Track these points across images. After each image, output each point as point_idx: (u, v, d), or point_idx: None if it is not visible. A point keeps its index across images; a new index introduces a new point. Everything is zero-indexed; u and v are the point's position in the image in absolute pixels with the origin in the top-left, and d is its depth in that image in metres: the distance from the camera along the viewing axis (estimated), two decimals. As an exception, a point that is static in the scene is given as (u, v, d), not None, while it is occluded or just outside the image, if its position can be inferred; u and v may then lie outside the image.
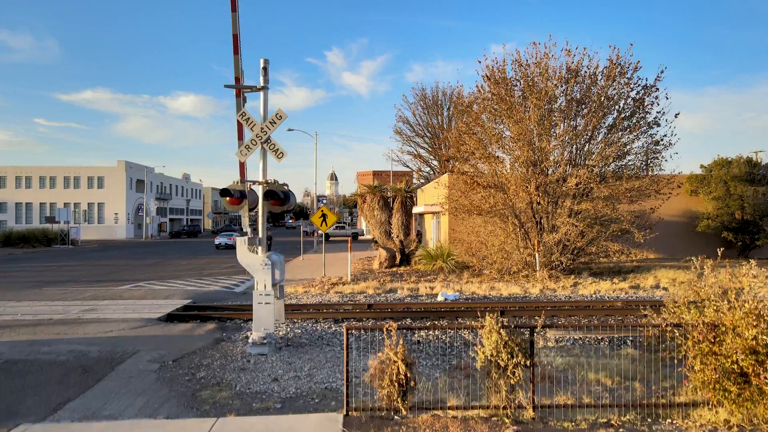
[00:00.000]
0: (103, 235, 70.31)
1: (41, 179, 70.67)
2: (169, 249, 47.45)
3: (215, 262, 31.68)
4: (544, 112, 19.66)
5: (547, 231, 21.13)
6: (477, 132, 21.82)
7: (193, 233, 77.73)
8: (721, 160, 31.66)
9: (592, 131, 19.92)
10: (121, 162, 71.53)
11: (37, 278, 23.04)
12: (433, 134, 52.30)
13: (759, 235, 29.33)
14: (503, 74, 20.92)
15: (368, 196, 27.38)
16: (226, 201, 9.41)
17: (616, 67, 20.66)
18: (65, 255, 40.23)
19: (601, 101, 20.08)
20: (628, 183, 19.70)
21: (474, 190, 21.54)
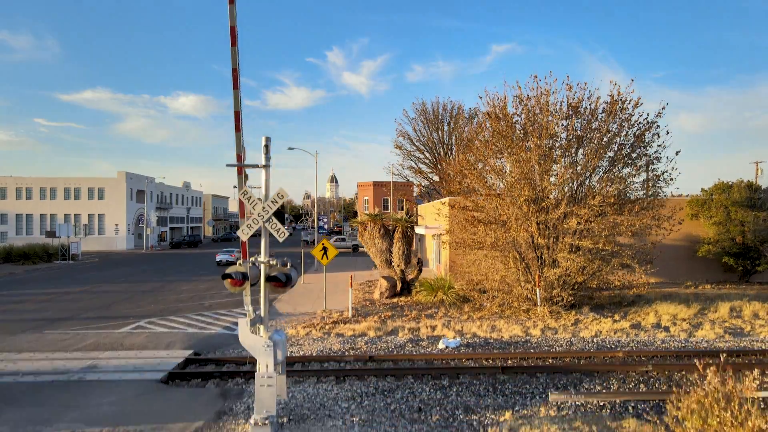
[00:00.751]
0: (103, 246, 70.32)
1: (41, 190, 70.68)
2: (169, 265, 47.41)
3: (216, 286, 31.64)
4: (544, 149, 19.68)
5: (548, 265, 21.14)
6: (478, 167, 21.83)
7: (193, 243, 77.79)
8: (721, 184, 31.69)
9: (593, 169, 19.93)
10: (122, 173, 71.53)
11: (38, 313, 23.05)
12: (433, 148, 52.33)
13: (759, 261, 29.36)
14: (504, 110, 20.95)
15: (369, 224, 27.35)
16: (228, 283, 9.40)
17: (616, 103, 20.69)
18: (66, 274, 40.21)
19: (601, 138, 20.11)
20: (629, 221, 19.70)
21: (475, 227, 21.54)
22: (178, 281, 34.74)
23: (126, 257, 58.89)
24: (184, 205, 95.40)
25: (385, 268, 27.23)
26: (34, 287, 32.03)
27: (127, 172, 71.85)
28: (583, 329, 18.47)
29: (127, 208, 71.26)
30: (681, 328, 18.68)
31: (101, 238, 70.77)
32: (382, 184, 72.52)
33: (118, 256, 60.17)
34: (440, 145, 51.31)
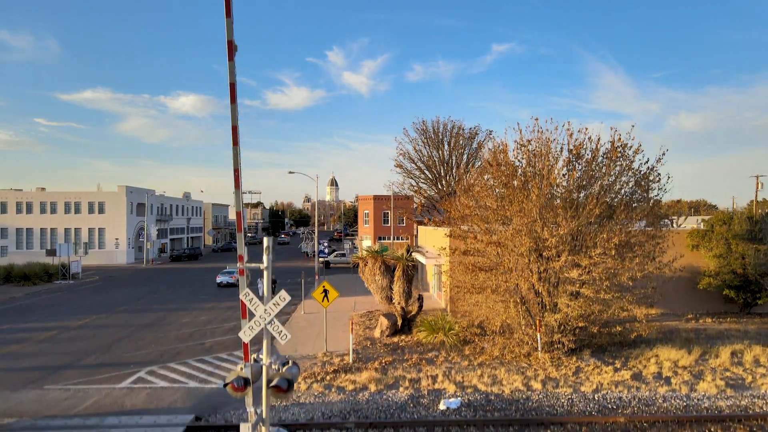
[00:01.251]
0: (104, 260, 70.33)
1: (42, 205, 70.69)
2: (169, 285, 47.37)
3: (217, 318, 31.66)
4: (546, 199, 19.69)
5: (548, 310, 21.15)
6: (478, 212, 21.84)
7: (193, 255, 77.80)
8: (722, 214, 31.70)
9: (594, 218, 19.94)
10: (122, 187, 71.55)
11: (38, 357, 23.05)
12: (433, 167, 52.36)
13: (760, 294, 29.35)
14: (506, 157, 20.98)
15: (369, 260, 27.33)
16: (229, 388, 9.39)
17: (617, 150, 20.73)
18: (66, 299, 40.21)
19: (602, 186, 20.13)
20: (630, 271, 19.71)
21: (476, 273, 21.55)
22: (178, 310, 34.70)
23: (126, 274, 58.87)
24: (184, 216, 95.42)
25: (386, 304, 27.23)
26: (34, 319, 32.01)
27: (128, 186, 71.89)
28: (585, 381, 18.45)
29: (127, 222, 71.27)
30: (682, 379, 18.67)
31: (101, 252, 70.78)
32: (382, 198, 72.51)
33: (119, 273, 60.16)
34: (441, 164, 51.34)
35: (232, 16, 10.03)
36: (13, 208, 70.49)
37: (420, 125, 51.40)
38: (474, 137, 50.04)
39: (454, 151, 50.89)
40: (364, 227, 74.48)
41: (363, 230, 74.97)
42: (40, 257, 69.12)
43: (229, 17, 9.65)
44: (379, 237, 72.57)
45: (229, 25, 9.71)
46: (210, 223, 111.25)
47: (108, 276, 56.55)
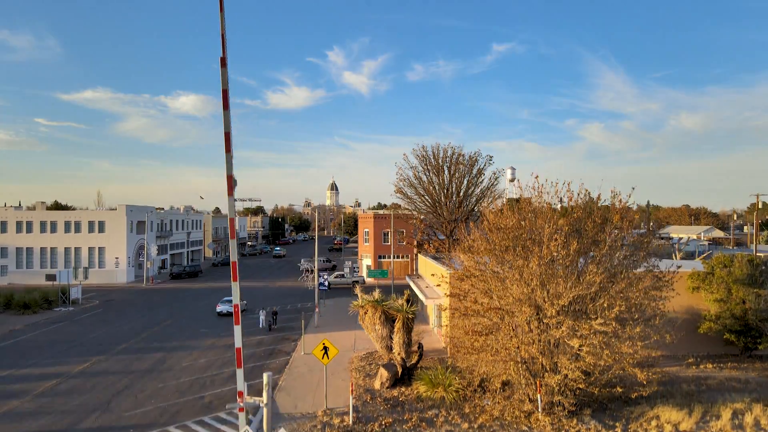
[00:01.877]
0: (104, 279, 70.30)
1: (42, 224, 70.66)
2: (168, 314, 47.29)
3: (216, 362, 31.62)
4: (545, 267, 19.64)
5: (549, 370, 21.10)
6: (478, 274, 21.79)
7: (193, 273, 77.76)
8: (722, 257, 31.64)
9: (595, 284, 19.88)
10: (122, 206, 71.55)
11: (36, 418, 23.00)
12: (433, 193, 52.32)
13: (761, 339, 29.32)
14: (505, 221, 20.94)
15: (370, 309, 27.27)
16: None
17: (618, 214, 20.71)
18: (65, 333, 40.18)
19: (602, 255, 20.09)
20: (631, 340, 19.65)
21: (476, 337, 21.50)
22: (178, 349, 34.63)
23: (126, 297, 58.79)
24: (184, 230, 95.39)
25: (386, 353, 27.17)
26: (33, 362, 31.95)
27: (128, 205, 71.92)
28: (585, 451, 18.40)
29: (127, 241, 71.24)
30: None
31: (101, 271, 70.76)
32: (382, 217, 72.47)
33: (118, 295, 60.10)
34: (441, 190, 51.29)
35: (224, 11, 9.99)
36: (13, 227, 70.47)
37: (420, 151, 51.46)
38: (474, 164, 50.06)
39: (453, 178, 50.83)
40: (365, 245, 74.42)
41: (363, 248, 74.92)
42: (40, 277, 69.19)
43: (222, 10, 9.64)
44: (379, 255, 72.52)
45: (222, 26, 9.72)
46: (210, 235, 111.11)
47: (107, 300, 56.48)
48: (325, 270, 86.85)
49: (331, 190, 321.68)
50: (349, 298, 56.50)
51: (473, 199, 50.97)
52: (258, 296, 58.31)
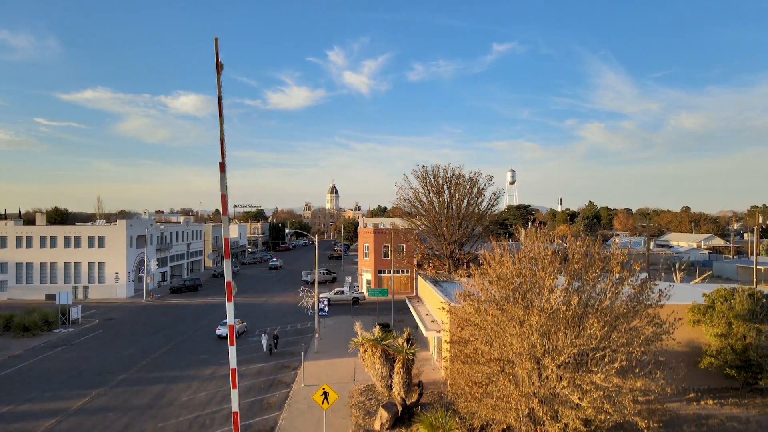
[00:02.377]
0: (103, 294, 70.27)
1: (42, 239, 70.60)
2: (168, 337, 47.22)
3: (216, 395, 31.54)
4: (546, 321, 19.59)
5: (550, 418, 21.04)
6: (479, 322, 21.73)
7: (193, 287, 77.68)
8: (723, 291, 31.58)
9: (596, 339, 19.82)
10: (122, 222, 71.55)
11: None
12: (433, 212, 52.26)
13: (762, 375, 29.24)
14: (506, 271, 20.90)
15: (370, 347, 27.19)
16: None
17: (619, 265, 20.65)
18: (65, 360, 40.13)
19: (604, 307, 20.04)
20: (632, 393, 19.60)
21: (475, 387, 21.44)
22: (178, 380, 34.56)
23: (126, 315, 58.70)
24: (184, 241, 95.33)
25: (386, 391, 27.09)
26: (34, 395, 31.91)
27: (127, 220, 71.89)
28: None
29: (127, 256, 71.17)
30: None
31: (101, 286, 70.70)
32: (382, 232, 72.41)
33: (118, 312, 60.00)
34: (442, 211, 51.20)
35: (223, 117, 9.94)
36: (13, 242, 70.42)
37: (420, 171, 51.36)
38: (474, 184, 49.94)
39: (453, 199, 50.74)
40: (365, 260, 74.36)
41: (363, 263, 74.86)
42: (40, 292, 69.29)
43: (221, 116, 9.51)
44: (379, 270, 72.47)
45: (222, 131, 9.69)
46: (210, 245, 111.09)
47: (107, 319, 56.40)
48: (325, 282, 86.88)
49: (331, 193, 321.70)
50: (348, 317, 56.51)
51: (474, 219, 50.89)
52: (257, 314, 58.26)
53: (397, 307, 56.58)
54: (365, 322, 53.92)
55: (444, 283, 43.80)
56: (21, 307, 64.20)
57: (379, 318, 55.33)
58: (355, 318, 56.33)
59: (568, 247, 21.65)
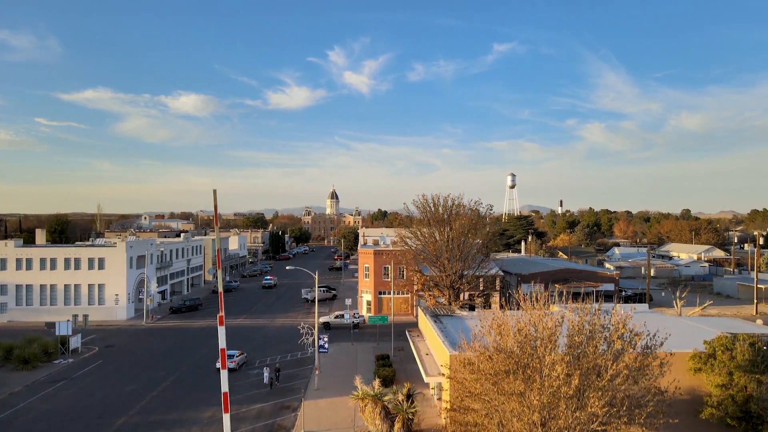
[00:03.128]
0: (104, 316, 70.22)
1: (42, 261, 70.54)
2: (168, 370, 47.14)
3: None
4: (546, 398, 19.54)
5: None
6: (479, 393, 21.68)
7: (193, 307, 77.61)
8: (724, 339, 31.51)
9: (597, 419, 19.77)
10: (122, 243, 71.51)
11: None
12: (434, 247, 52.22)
13: (762, 426, 29.17)
14: (507, 343, 20.87)
15: (370, 403, 27.16)
16: None
17: (619, 339, 20.63)
18: (63, 398, 40.07)
19: (605, 383, 19.99)
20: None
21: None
22: (177, 425, 34.47)
23: (126, 339, 58.65)
24: (184, 258, 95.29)
25: (386, 447, 27.06)
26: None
27: (128, 241, 71.82)
28: None
29: (127, 277, 71.15)
30: None
31: (101, 308, 70.67)
32: (382, 252, 72.32)
33: (118, 338, 59.95)
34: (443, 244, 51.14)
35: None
36: (13, 264, 70.36)
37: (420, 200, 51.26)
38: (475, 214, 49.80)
39: (454, 229, 50.63)
40: (365, 281, 74.27)
41: (363, 284, 74.78)
42: (40, 314, 69.29)
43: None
44: (380, 291, 72.40)
45: None
46: (210, 259, 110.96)
47: (107, 346, 56.35)
48: (325, 300, 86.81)
49: (331, 198, 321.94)
50: (349, 343, 56.40)
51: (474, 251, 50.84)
52: (258, 341, 58.20)
53: (398, 331, 56.29)
54: (365, 350, 53.99)
55: (444, 318, 43.70)
56: (21, 331, 64.29)
57: (379, 345, 55.27)
58: (356, 344, 56.29)
59: (568, 321, 21.65)
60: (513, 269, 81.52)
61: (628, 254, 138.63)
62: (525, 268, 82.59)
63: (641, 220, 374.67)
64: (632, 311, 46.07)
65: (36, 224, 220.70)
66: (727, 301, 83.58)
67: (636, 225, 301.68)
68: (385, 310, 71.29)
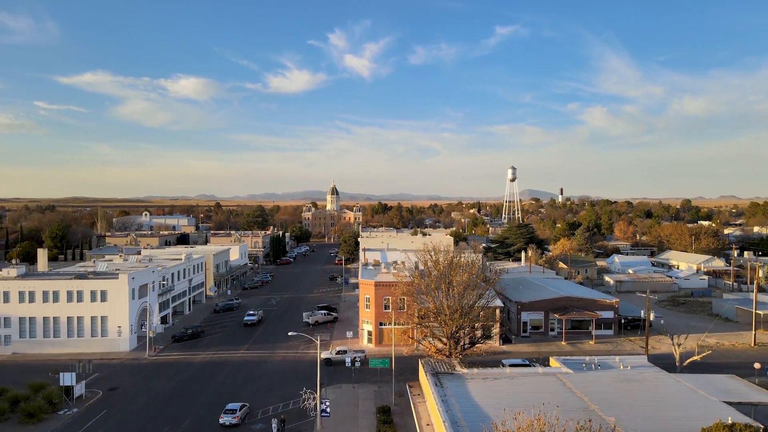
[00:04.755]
0: (107, 347, 70.85)
1: (44, 294, 70.94)
2: (171, 421, 47.74)
3: None
4: None
5: None
6: None
7: (195, 335, 78.18)
8: (721, 426, 31.88)
9: None
10: (124, 275, 71.82)
11: None
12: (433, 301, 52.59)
13: None
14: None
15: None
16: None
17: None
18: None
19: None
20: None
21: None
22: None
23: (129, 380, 59.24)
24: (185, 278, 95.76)
25: None
26: None
27: (129, 274, 72.21)
28: None
29: (129, 309, 71.69)
30: None
31: (104, 340, 71.31)
32: (383, 284, 72.68)
33: (122, 378, 60.52)
34: (443, 299, 51.45)
35: None
36: (16, 297, 70.80)
37: (423, 254, 51.36)
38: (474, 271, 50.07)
39: (454, 290, 50.86)
40: (366, 311, 74.70)
41: (364, 314, 75.20)
42: (44, 346, 70.10)
43: None
44: (380, 323, 72.91)
45: None
46: (212, 275, 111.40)
47: (111, 389, 57.02)
48: (326, 323, 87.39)
49: (331, 194, 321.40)
50: (350, 385, 56.95)
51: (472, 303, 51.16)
52: (260, 382, 58.73)
53: (399, 368, 56.50)
54: (366, 395, 54.54)
55: (445, 378, 44.14)
56: (25, 367, 65.24)
57: (380, 388, 55.79)
58: (357, 387, 56.83)
59: None
60: (513, 295, 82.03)
61: (627, 263, 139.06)
62: (525, 294, 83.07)
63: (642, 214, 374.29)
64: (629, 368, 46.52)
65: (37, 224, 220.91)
66: (726, 326, 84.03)
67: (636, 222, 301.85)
68: (386, 340, 71.85)
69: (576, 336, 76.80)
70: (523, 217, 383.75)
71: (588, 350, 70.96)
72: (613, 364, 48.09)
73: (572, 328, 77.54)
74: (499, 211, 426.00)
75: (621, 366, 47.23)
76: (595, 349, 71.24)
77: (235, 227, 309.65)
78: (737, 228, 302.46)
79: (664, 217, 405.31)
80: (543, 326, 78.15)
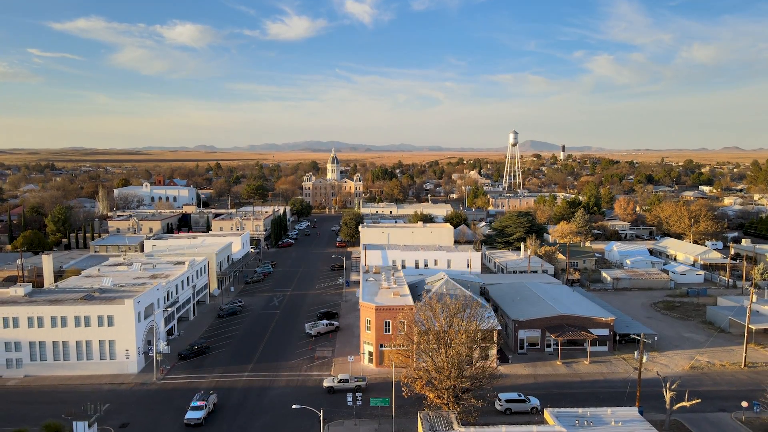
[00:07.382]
0: (115, 370, 73.15)
1: (53, 319, 72.60)
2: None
3: None
4: None
5: None
6: None
7: (201, 351, 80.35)
8: None
9: None
10: (130, 301, 73.21)
11: None
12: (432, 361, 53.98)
13: None
14: None
15: None
16: None
17: None
18: None
19: None
20: None
21: None
22: None
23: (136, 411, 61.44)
24: (189, 285, 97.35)
25: None
26: None
27: (135, 299, 73.64)
28: None
29: (136, 333, 73.53)
30: None
31: (112, 363, 73.47)
32: (384, 308, 74.20)
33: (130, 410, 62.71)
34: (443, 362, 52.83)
35: None
36: (25, 322, 72.50)
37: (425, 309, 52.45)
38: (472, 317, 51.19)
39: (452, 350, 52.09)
40: (366, 333, 76.50)
41: (365, 335, 77.02)
42: (55, 368, 72.47)
43: None
44: (381, 345, 74.85)
45: None
46: (215, 274, 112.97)
47: (121, 425, 59.29)
48: (327, 333, 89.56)
49: (332, 163, 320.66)
50: (351, 422, 59.21)
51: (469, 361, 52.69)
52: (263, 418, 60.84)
53: (399, 401, 58.51)
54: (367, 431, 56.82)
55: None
56: (37, 392, 67.80)
57: (381, 426, 58.07)
58: (359, 424, 59.10)
59: None
60: (510, 311, 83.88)
61: (625, 252, 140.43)
62: (522, 308, 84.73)
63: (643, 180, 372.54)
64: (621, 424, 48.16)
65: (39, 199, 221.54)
66: (719, 338, 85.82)
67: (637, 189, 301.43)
68: (386, 362, 73.93)
69: (571, 353, 78.95)
70: (523, 180, 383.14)
71: (582, 372, 73.37)
72: (605, 418, 49.97)
73: (568, 343, 79.70)
74: (500, 172, 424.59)
75: (612, 422, 49.11)
76: (588, 371, 73.67)
77: (236, 197, 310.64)
78: (737, 196, 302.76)
79: (665, 182, 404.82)
80: (539, 343, 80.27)
